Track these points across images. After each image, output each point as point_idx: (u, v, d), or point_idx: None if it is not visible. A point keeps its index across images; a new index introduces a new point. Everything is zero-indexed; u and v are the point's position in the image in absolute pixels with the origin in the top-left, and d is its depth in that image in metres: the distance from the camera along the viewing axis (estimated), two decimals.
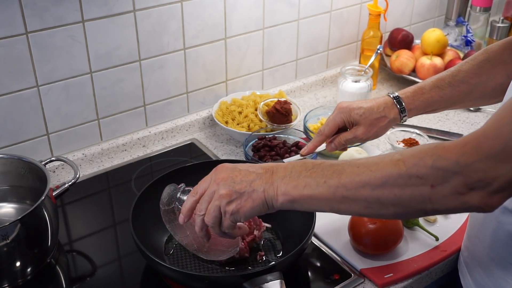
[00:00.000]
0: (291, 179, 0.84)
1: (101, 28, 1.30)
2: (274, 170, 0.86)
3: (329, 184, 0.81)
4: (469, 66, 1.09)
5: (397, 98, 1.10)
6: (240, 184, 0.86)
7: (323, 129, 1.12)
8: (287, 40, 1.67)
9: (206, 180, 0.90)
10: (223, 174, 0.87)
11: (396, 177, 0.76)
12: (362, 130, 1.09)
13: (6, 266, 1.02)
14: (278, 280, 0.93)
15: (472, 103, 1.15)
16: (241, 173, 0.87)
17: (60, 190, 1.10)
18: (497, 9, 2.17)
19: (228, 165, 0.89)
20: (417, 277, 1.09)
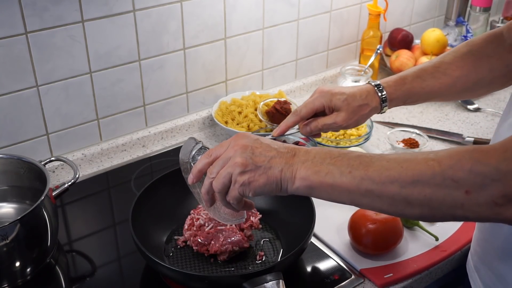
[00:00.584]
0: (313, 164, 0.80)
1: (101, 28, 1.30)
2: (296, 152, 0.82)
3: (354, 174, 0.77)
4: (451, 58, 1.07)
5: (378, 87, 1.06)
6: (258, 157, 0.82)
7: (300, 110, 1.07)
8: (287, 40, 1.67)
9: (224, 144, 0.86)
10: (244, 142, 0.83)
11: (429, 177, 0.72)
12: (343, 117, 1.05)
13: (6, 266, 1.02)
14: (278, 280, 0.93)
15: (454, 96, 1.12)
16: (262, 146, 0.83)
17: (59, 190, 1.10)
18: (497, 9, 2.17)
19: (251, 135, 0.86)
20: (417, 277, 1.08)
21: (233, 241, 1.07)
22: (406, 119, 1.62)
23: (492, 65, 1.05)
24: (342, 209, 1.21)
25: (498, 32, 1.06)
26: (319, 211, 1.10)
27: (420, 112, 1.66)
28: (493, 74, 1.06)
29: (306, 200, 1.11)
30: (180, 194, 1.21)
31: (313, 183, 0.80)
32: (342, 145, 1.39)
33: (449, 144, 1.51)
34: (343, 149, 0.81)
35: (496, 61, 1.05)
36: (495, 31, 1.07)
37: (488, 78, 1.07)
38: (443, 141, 1.52)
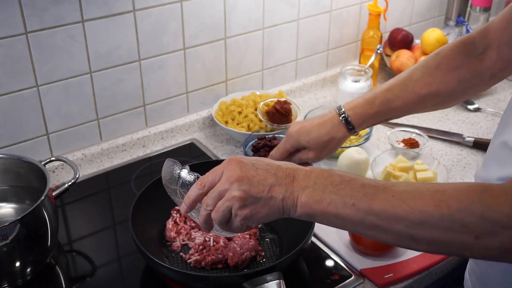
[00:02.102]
0: (314, 191, 0.77)
1: (101, 28, 1.30)
2: (295, 175, 0.79)
3: (358, 207, 0.74)
4: (419, 76, 1.06)
5: (344, 118, 1.10)
6: (257, 188, 0.78)
7: (274, 154, 1.15)
8: (287, 40, 1.67)
9: (216, 172, 0.82)
10: (238, 172, 0.79)
11: (437, 219, 0.69)
12: (313, 154, 1.12)
13: (6, 266, 1.02)
14: (278, 280, 0.93)
15: (424, 110, 1.13)
16: (258, 174, 0.79)
17: (59, 190, 1.10)
18: (497, 9, 2.17)
19: (243, 160, 0.81)
20: (417, 277, 1.08)
21: (249, 247, 1.08)
22: (406, 119, 1.62)
23: (462, 77, 1.04)
24: None
25: (469, 40, 1.04)
26: None
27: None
28: (464, 85, 1.05)
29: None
30: None
31: (315, 212, 0.78)
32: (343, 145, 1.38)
33: (449, 144, 1.51)
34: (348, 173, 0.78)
35: (466, 73, 1.04)
36: (465, 40, 1.04)
37: (459, 90, 1.06)
38: (443, 141, 1.52)
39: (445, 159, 1.44)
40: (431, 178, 1.28)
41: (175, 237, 1.11)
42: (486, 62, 1.02)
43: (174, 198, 0.96)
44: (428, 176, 1.28)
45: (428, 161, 1.35)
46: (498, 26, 1.00)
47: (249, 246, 1.07)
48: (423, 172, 1.29)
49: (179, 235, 1.12)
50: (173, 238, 1.11)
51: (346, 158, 1.32)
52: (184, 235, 1.12)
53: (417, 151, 1.39)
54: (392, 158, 1.38)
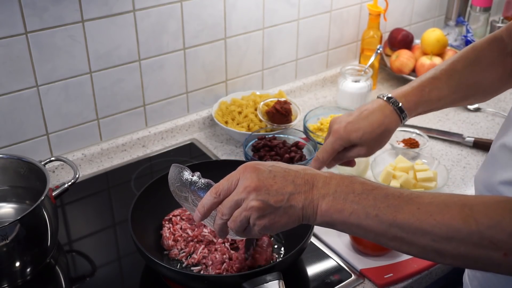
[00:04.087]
0: (335, 200, 0.75)
1: (101, 28, 1.30)
2: (314, 182, 0.76)
3: (382, 219, 0.72)
4: (462, 67, 1.05)
5: (398, 106, 1.03)
6: (275, 197, 0.76)
7: (321, 156, 1.05)
8: (287, 40, 1.67)
9: (232, 180, 0.79)
10: (255, 181, 0.76)
11: (465, 235, 0.67)
12: (365, 150, 1.03)
13: (6, 266, 1.02)
14: (277, 280, 0.93)
15: (464, 103, 1.13)
16: (276, 182, 0.76)
17: (59, 190, 1.10)
18: (497, 9, 2.17)
19: (259, 167, 0.78)
20: (417, 277, 1.08)
21: (268, 243, 1.08)
22: None
23: (499, 74, 1.04)
24: None
25: (498, 37, 1.05)
26: None
27: None
28: (502, 82, 1.05)
29: None
30: None
31: (336, 221, 0.75)
32: None
33: (449, 144, 1.50)
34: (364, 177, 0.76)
35: (502, 70, 1.04)
36: (496, 35, 1.05)
37: (495, 85, 1.06)
38: (443, 141, 1.52)
39: (445, 159, 1.44)
40: (431, 178, 1.28)
41: (173, 245, 1.11)
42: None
43: (184, 204, 0.93)
44: (428, 176, 1.28)
45: (428, 161, 1.35)
46: None
47: (268, 243, 1.08)
48: (423, 172, 1.29)
49: (177, 243, 1.11)
50: (171, 246, 1.11)
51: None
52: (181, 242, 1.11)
53: (417, 151, 1.39)
54: (392, 158, 1.38)
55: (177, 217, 1.16)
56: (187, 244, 1.10)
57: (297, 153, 1.34)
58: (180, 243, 1.11)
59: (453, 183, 1.35)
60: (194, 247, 1.10)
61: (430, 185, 1.27)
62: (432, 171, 1.30)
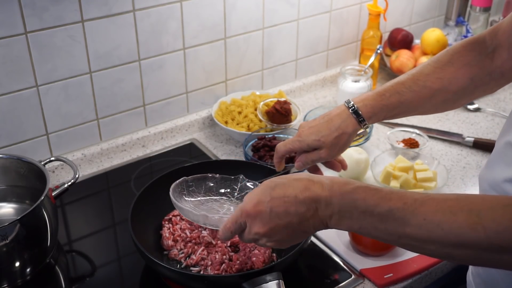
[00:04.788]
0: (341, 218, 0.77)
1: (101, 28, 1.30)
2: (317, 206, 0.77)
3: (390, 231, 0.74)
4: (431, 70, 1.05)
5: (354, 110, 1.05)
6: (286, 232, 0.80)
7: (279, 148, 1.10)
8: (287, 40, 1.67)
9: (240, 223, 0.83)
10: (262, 228, 0.80)
11: (474, 242, 0.69)
12: (325, 153, 1.06)
13: (6, 266, 1.02)
14: (277, 280, 0.93)
15: (434, 108, 1.10)
16: (281, 219, 0.78)
17: (59, 190, 1.10)
18: (497, 9, 2.17)
19: (261, 209, 0.79)
20: (417, 277, 1.08)
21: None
22: (406, 119, 1.62)
23: (474, 74, 1.03)
24: None
25: (480, 38, 1.04)
26: None
27: None
28: (475, 83, 1.04)
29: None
30: None
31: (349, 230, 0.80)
32: None
33: (449, 144, 1.50)
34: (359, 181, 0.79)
35: (478, 71, 1.03)
36: (477, 38, 1.04)
37: (469, 88, 1.05)
38: (443, 141, 1.52)
39: (445, 159, 1.44)
40: (431, 178, 1.28)
41: (172, 245, 1.11)
42: (497, 61, 1.02)
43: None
44: (428, 176, 1.27)
45: (428, 161, 1.35)
46: (507, 27, 1.00)
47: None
48: (423, 172, 1.29)
49: (177, 243, 1.11)
50: (170, 246, 1.11)
51: (346, 158, 1.31)
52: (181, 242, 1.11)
53: (417, 151, 1.39)
54: (392, 158, 1.38)
55: (177, 217, 1.16)
56: (186, 245, 1.10)
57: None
58: (179, 243, 1.10)
59: (453, 183, 1.35)
60: (193, 248, 1.10)
61: (430, 185, 1.27)
62: (432, 171, 1.30)
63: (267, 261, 1.05)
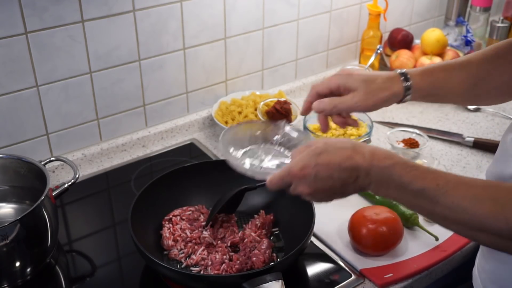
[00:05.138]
0: (378, 187, 0.83)
1: (101, 28, 1.30)
2: (358, 174, 0.83)
3: (422, 207, 0.81)
4: (479, 59, 1.03)
5: (404, 75, 0.99)
6: (329, 194, 0.87)
7: (316, 85, 1.02)
8: (287, 40, 1.67)
9: (286, 181, 0.88)
10: (307, 189, 0.86)
11: (496, 230, 0.75)
12: (360, 97, 0.96)
13: (6, 266, 1.02)
14: (277, 280, 0.93)
15: (473, 99, 1.08)
16: (324, 184, 0.85)
17: (59, 190, 1.10)
18: (497, 9, 2.17)
19: (305, 173, 0.85)
20: (417, 277, 1.08)
21: (267, 245, 1.08)
22: (406, 119, 1.62)
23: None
24: (342, 209, 1.21)
25: None
26: (319, 211, 1.10)
27: (420, 112, 1.66)
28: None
29: (306, 200, 1.11)
30: (180, 194, 1.21)
31: (386, 198, 0.89)
32: None
33: (449, 144, 1.50)
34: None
35: None
36: None
37: (509, 85, 1.04)
38: (443, 141, 1.52)
39: (445, 159, 1.44)
40: None
41: (173, 245, 1.11)
42: None
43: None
44: None
45: (428, 161, 1.35)
46: None
47: (267, 244, 1.08)
48: None
49: (177, 243, 1.11)
50: (170, 246, 1.11)
51: None
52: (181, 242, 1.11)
53: (417, 151, 1.39)
54: None
55: (177, 217, 1.16)
56: (186, 245, 1.10)
57: None
58: (179, 243, 1.11)
59: None
60: (193, 248, 1.10)
61: None
62: None
63: (267, 261, 1.05)
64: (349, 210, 1.17)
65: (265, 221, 1.15)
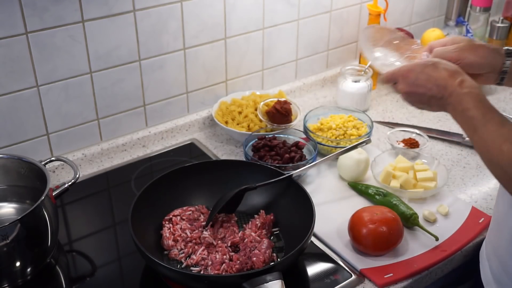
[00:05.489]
0: (454, 110, 0.94)
1: (101, 28, 1.30)
2: (443, 93, 0.95)
3: (468, 134, 0.93)
4: None
5: (509, 52, 1.05)
6: (418, 99, 1.01)
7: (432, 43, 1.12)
8: (287, 40, 1.67)
9: (394, 79, 1.03)
10: (405, 88, 1.01)
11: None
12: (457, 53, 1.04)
13: (6, 266, 1.02)
14: (277, 280, 0.93)
15: None
16: (418, 89, 0.99)
17: (60, 190, 1.10)
18: (497, 9, 2.17)
19: (409, 75, 0.99)
20: (417, 277, 1.08)
21: (268, 245, 1.08)
22: (406, 119, 1.62)
23: None
24: (342, 209, 1.21)
25: None
26: (319, 211, 1.10)
27: (420, 112, 1.66)
28: None
29: (306, 201, 1.11)
30: (180, 194, 1.21)
31: (454, 119, 0.97)
32: (342, 145, 1.39)
33: (449, 144, 1.51)
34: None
35: None
36: None
37: None
38: (443, 141, 1.52)
39: (445, 159, 1.45)
40: (431, 178, 1.28)
41: (173, 245, 1.11)
42: None
43: None
44: (428, 176, 1.28)
45: (428, 161, 1.36)
46: None
47: (267, 244, 1.08)
48: (423, 172, 1.29)
49: (177, 243, 1.11)
50: (171, 246, 1.11)
51: (347, 157, 1.32)
52: (181, 242, 1.12)
53: (417, 151, 1.39)
54: (392, 158, 1.38)
55: (177, 217, 1.16)
56: (186, 245, 1.11)
57: (297, 153, 1.34)
58: (180, 243, 1.11)
59: (453, 183, 1.35)
60: (193, 248, 1.10)
61: (430, 185, 1.27)
62: (432, 171, 1.30)
63: (268, 261, 1.06)
64: (349, 210, 1.17)
65: (265, 221, 1.15)
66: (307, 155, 1.35)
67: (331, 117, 1.50)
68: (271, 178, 1.18)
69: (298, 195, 1.14)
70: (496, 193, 1.30)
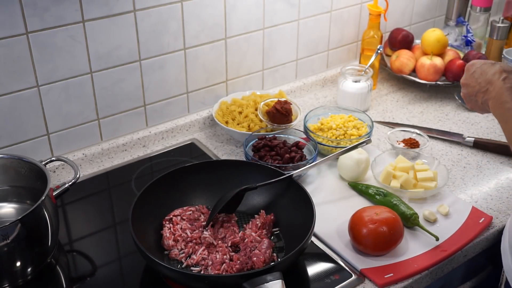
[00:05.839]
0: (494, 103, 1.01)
1: (101, 28, 1.30)
2: (488, 88, 1.03)
3: (501, 125, 0.99)
4: None
5: None
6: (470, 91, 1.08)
7: None
8: (287, 40, 1.67)
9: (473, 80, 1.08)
10: (463, 80, 1.10)
11: None
12: None
13: (6, 266, 1.02)
14: (278, 280, 0.93)
15: None
16: (472, 81, 1.07)
17: (60, 190, 1.10)
18: (497, 9, 2.17)
19: (469, 68, 1.08)
20: (417, 277, 1.09)
21: (268, 245, 1.08)
22: (406, 119, 1.62)
23: None
24: (342, 209, 1.21)
25: None
26: (319, 211, 1.10)
27: (421, 112, 1.66)
28: None
29: (306, 200, 1.11)
30: (180, 194, 1.21)
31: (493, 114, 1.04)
32: (343, 145, 1.39)
33: (450, 144, 1.51)
34: None
35: None
36: None
37: None
38: (443, 141, 1.52)
39: (445, 159, 1.45)
40: (431, 178, 1.28)
41: (173, 245, 1.11)
42: None
43: None
44: (428, 176, 1.28)
45: (428, 161, 1.36)
46: None
47: (267, 244, 1.08)
48: (423, 172, 1.29)
49: (177, 243, 1.11)
50: (171, 246, 1.11)
51: (347, 157, 1.32)
52: (181, 242, 1.12)
53: (417, 151, 1.39)
54: (393, 158, 1.38)
55: (177, 217, 1.16)
56: (186, 245, 1.11)
57: (297, 153, 1.34)
58: (180, 243, 1.11)
59: (453, 183, 1.35)
60: (194, 248, 1.10)
61: (430, 185, 1.27)
62: (432, 171, 1.30)
63: (268, 261, 1.06)
64: (349, 210, 1.17)
65: (266, 221, 1.15)
66: (307, 155, 1.35)
67: (331, 117, 1.50)
68: (271, 178, 1.18)
69: (299, 195, 1.15)
70: (496, 193, 1.31)
